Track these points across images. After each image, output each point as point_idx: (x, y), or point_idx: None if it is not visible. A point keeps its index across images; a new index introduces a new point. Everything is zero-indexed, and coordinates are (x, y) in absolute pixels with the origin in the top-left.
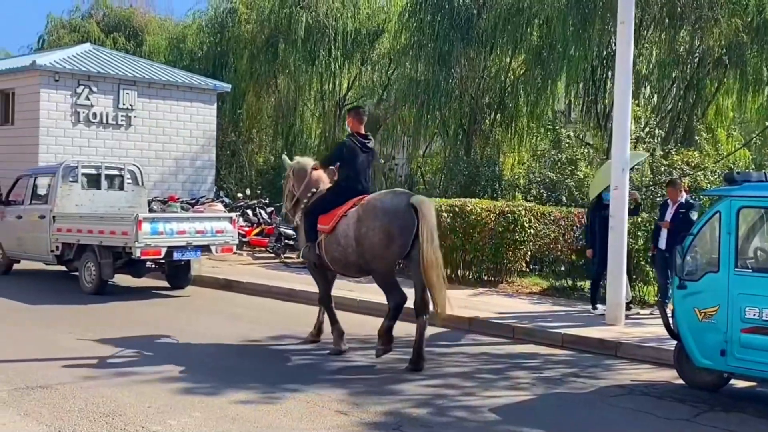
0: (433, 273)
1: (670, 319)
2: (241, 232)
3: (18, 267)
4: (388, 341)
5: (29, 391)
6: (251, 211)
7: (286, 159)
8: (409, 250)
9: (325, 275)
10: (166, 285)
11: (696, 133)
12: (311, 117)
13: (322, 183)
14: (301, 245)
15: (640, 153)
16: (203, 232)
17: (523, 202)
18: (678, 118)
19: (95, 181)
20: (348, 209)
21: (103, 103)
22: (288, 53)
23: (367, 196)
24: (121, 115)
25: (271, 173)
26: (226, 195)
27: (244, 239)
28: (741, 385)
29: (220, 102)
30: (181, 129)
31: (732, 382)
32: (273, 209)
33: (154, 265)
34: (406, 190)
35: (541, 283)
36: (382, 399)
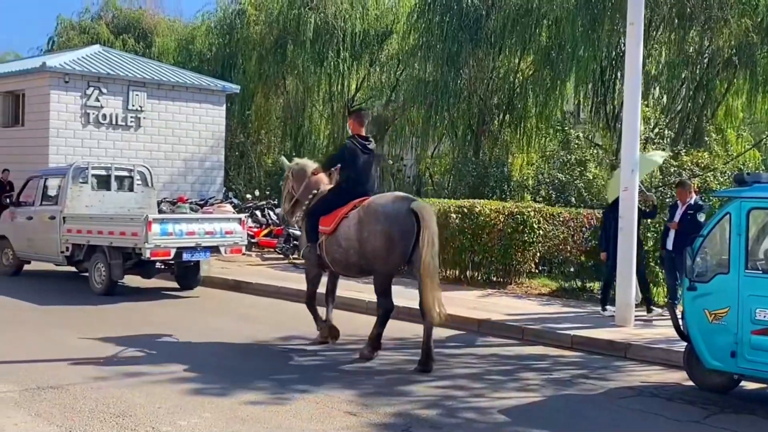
0: (430, 277)
1: (680, 321)
2: (250, 233)
3: (28, 268)
4: (375, 347)
5: (40, 391)
6: (260, 212)
7: (285, 160)
8: (410, 254)
9: (319, 277)
10: (175, 286)
11: (705, 133)
12: (320, 118)
13: (323, 184)
14: (302, 246)
15: (661, 153)
16: (212, 233)
17: (532, 203)
18: (687, 118)
19: (105, 182)
20: (348, 211)
21: (112, 105)
22: (297, 54)
23: (368, 198)
24: (131, 117)
25: (279, 174)
26: (235, 196)
27: (252, 240)
28: (751, 387)
29: (228, 103)
30: (190, 130)
31: (742, 383)
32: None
33: (163, 266)
34: (408, 195)
35: (550, 285)
36: (392, 400)
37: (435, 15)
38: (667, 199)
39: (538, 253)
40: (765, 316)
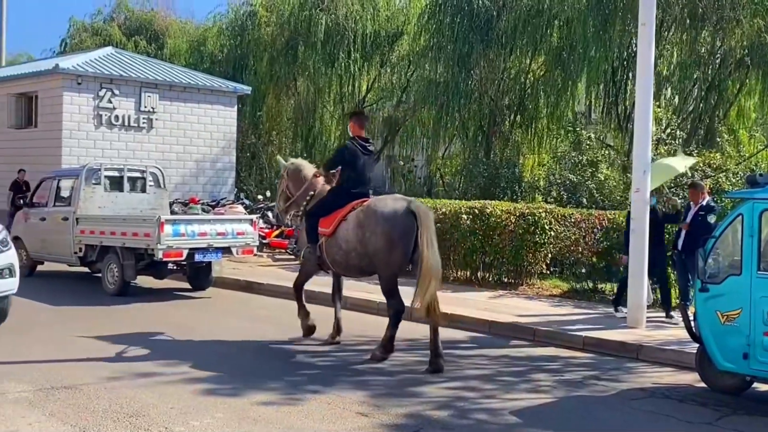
0: (431, 277)
1: (692, 322)
2: (262, 234)
3: (41, 268)
4: (388, 350)
5: (54, 391)
6: (271, 213)
7: (281, 159)
8: (411, 255)
9: (312, 274)
10: (187, 286)
11: (718, 134)
12: (330, 119)
13: (322, 186)
14: (301, 246)
15: (683, 161)
16: (224, 234)
17: (544, 204)
18: (699, 119)
19: (118, 184)
20: (347, 213)
21: (125, 106)
22: (307, 56)
23: (367, 199)
24: (143, 118)
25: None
26: (246, 197)
27: (264, 241)
28: (764, 388)
29: (240, 104)
30: (201, 131)
31: (755, 385)
32: None
33: (175, 267)
34: (405, 196)
35: (562, 286)
36: (403, 401)
37: (446, 16)
38: (679, 200)
39: (550, 255)
40: None
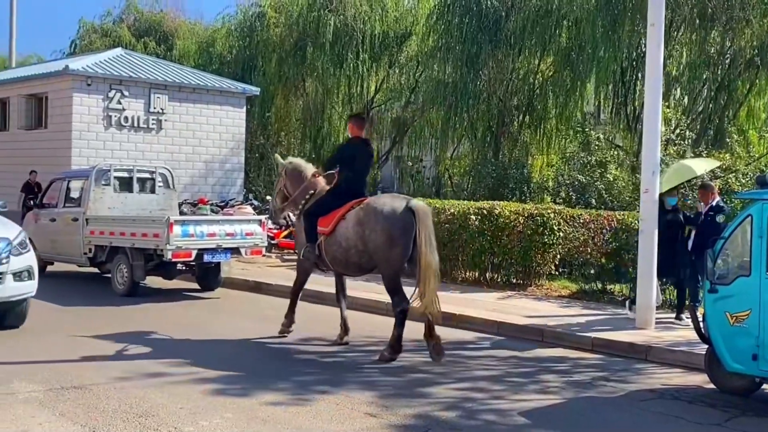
0: (430, 274)
1: (701, 323)
2: (270, 235)
3: (51, 269)
4: (396, 350)
5: (64, 391)
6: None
7: (279, 158)
8: (411, 252)
9: (309, 272)
10: (196, 287)
11: (727, 135)
12: (339, 120)
13: (321, 186)
14: (300, 245)
15: (703, 163)
16: (233, 235)
17: (552, 204)
18: (709, 119)
19: (127, 184)
20: (346, 212)
21: (134, 107)
22: (316, 56)
23: (365, 199)
24: (152, 119)
25: None
26: (255, 197)
27: (272, 242)
28: None
29: (249, 105)
30: (210, 132)
31: (764, 386)
32: None
33: (184, 268)
34: (404, 195)
35: (571, 287)
36: (411, 402)
37: (454, 16)
38: (687, 201)
39: (558, 255)
40: None
